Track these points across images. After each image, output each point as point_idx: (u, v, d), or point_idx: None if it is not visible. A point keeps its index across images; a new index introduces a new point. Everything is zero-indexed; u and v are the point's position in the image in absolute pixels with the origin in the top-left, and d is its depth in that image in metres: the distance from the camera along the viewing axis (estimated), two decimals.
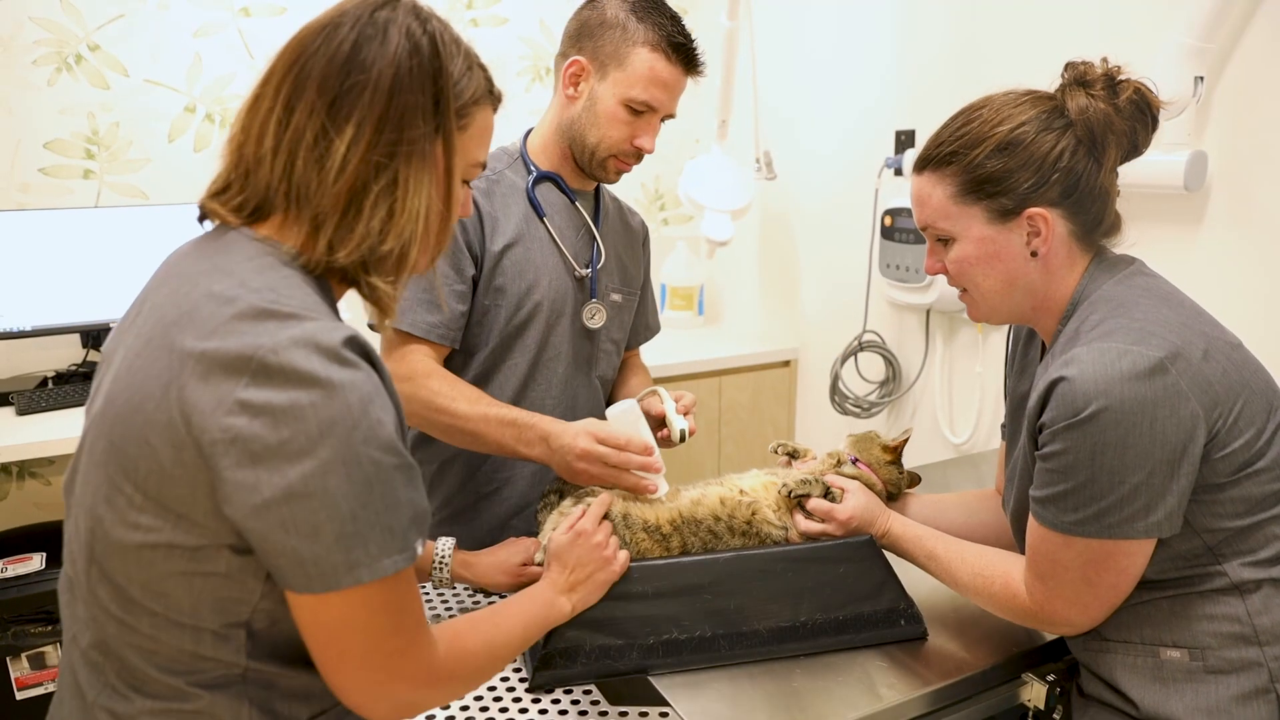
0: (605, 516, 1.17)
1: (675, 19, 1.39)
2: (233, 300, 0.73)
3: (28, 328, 2.23)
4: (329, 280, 0.82)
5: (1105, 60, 1.04)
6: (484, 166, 0.89)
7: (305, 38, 0.79)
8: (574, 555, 1.10)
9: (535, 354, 1.45)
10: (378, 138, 0.77)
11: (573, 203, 1.48)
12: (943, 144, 1.07)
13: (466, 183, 0.89)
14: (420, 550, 0.77)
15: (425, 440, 1.44)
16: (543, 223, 1.44)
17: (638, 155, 1.42)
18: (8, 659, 1.88)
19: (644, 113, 1.38)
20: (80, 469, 0.79)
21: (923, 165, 1.09)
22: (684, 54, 1.38)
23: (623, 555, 1.13)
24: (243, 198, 0.80)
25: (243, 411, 0.69)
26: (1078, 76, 1.04)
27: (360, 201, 0.77)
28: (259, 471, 0.69)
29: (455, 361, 1.43)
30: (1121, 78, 1.03)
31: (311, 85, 0.77)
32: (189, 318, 0.73)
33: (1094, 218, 1.05)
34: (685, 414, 1.37)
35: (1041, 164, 1.02)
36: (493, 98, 0.88)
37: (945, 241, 1.10)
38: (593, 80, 1.38)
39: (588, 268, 1.47)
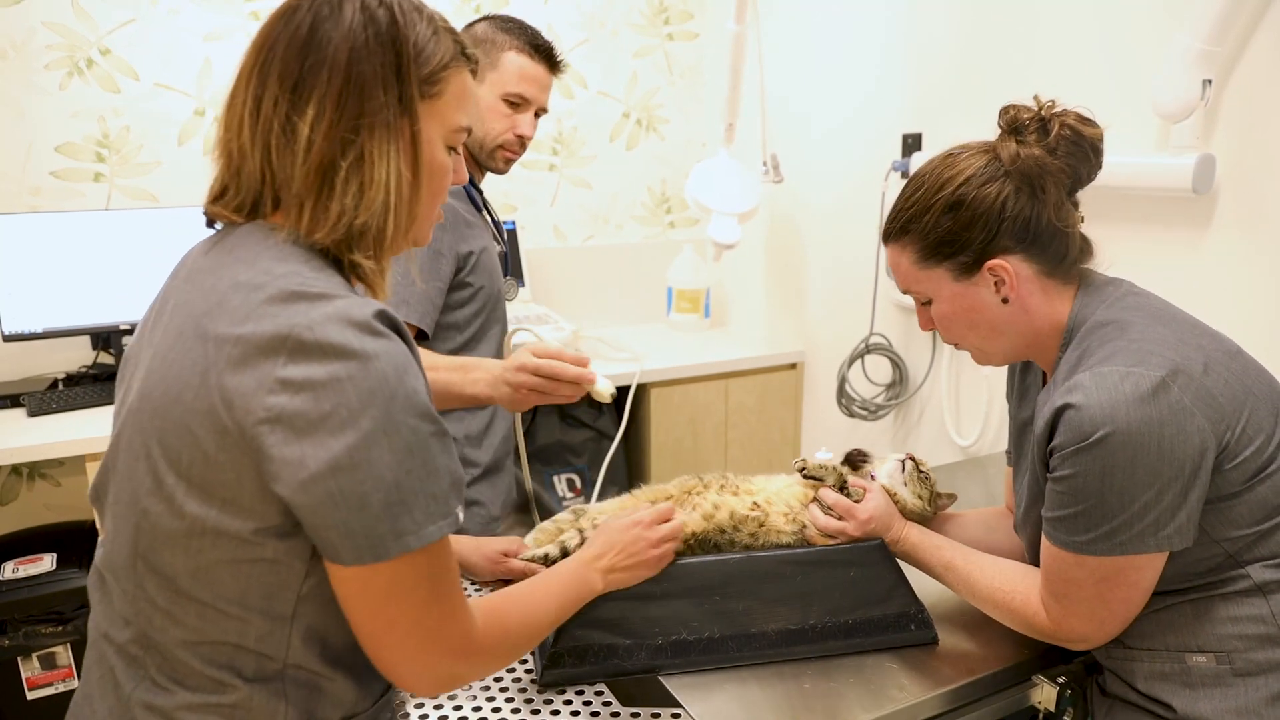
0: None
1: (536, 31, 1.66)
2: (261, 286, 0.74)
3: (38, 330, 2.24)
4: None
5: (1037, 99, 1.07)
6: (469, 131, 0.89)
7: (268, 28, 0.80)
8: (624, 539, 1.11)
9: (499, 337, 1.62)
10: (339, 114, 0.77)
11: (479, 192, 1.67)
12: (897, 216, 1.11)
13: (454, 149, 0.88)
14: (461, 516, 0.78)
15: None
16: (483, 214, 1.62)
17: (521, 144, 1.65)
18: (19, 659, 1.89)
19: (520, 105, 1.63)
20: (118, 468, 0.80)
21: (886, 238, 1.14)
22: (546, 54, 1.65)
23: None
24: (240, 197, 0.81)
25: (284, 389, 0.70)
26: (1009, 123, 1.07)
27: (331, 179, 0.78)
28: (304, 446, 0.70)
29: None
30: (1053, 113, 1.05)
31: (274, 72, 0.78)
32: (219, 307, 0.75)
33: (1056, 253, 1.07)
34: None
35: (987, 217, 1.04)
36: (467, 60, 0.88)
37: (927, 302, 1.13)
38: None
39: (503, 248, 1.72)
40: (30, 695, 1.91)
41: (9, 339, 2.23)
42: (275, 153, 0.78)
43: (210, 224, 0.86)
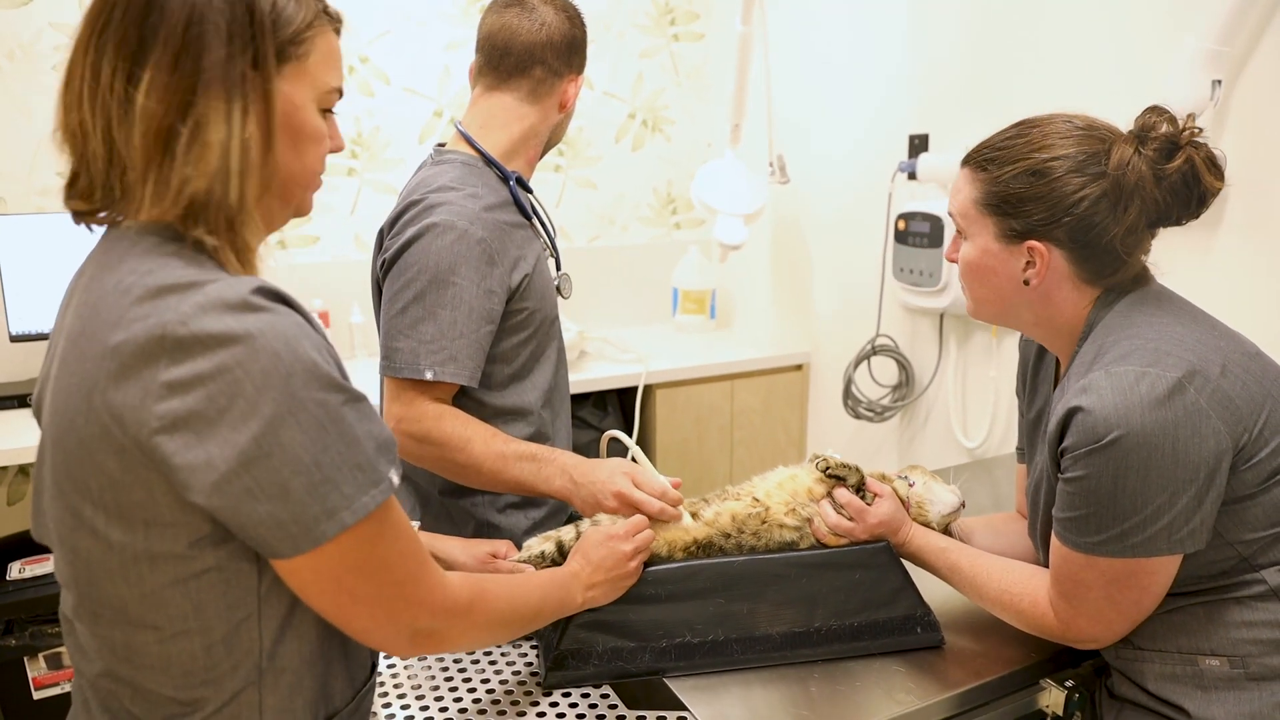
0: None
1: None
2: (128, 289, 0.70)
3: (45, 330, 2.25)
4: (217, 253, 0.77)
5: (1191, 118, 1.02)
6: (340, 92, 0.83)
7: None
8: (599, 554, 1.10)
9: (557, 358, 1.48)
10: (174, 75, 0.70)
11: (528, 193, 1.47)
12: (984, 149, 1.08)
13: (328, 111, 0.82)
14: (396, 479, 0.75)
15: None
16: (532, 224, 1.44)
17: None
18: (25, 659, 1.89)
19: None
20: (45, 509, 0.77)
21: (966, 161, 1.11)
22: None
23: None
24: (90, 182, 0.75)
25: (172, 393, 0.66)
26: (1142, 127, 1.02)
27: (172, 147, 0.71)
28: (208, 447, 0.66)
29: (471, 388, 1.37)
30: (1188, 141, 0.99)
31: (112, 41, 0.71)
32: (92, 321, 0.71)
33: (1101, 268, 1.04)
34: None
35: (1057, 202, 1.01)
36: (330, 19, 0.82)
37: (963, 237, 1.11)
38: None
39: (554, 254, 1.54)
40: (36, 695, 1.91)
41: (15, 339, 2.23)
42: (117, 126, 0.71)
43: (79, 222, 0.78)
